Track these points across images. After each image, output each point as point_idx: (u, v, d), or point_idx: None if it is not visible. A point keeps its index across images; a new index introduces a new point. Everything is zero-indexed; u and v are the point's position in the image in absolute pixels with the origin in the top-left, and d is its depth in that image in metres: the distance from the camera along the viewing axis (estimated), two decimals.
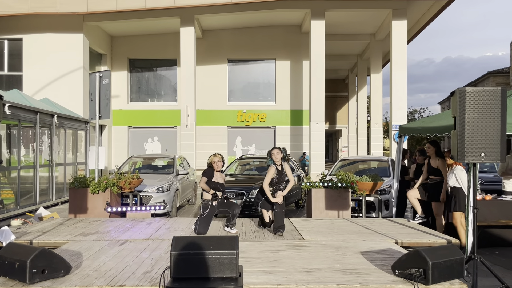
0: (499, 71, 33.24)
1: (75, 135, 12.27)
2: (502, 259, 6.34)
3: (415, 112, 49.66)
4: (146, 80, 24.08)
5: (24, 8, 17.85)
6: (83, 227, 6.68)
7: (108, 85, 8.68)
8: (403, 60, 19.64)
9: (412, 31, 23.69)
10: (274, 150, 6.51)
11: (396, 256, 4.78)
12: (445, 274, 4.01)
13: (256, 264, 4.64)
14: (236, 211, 6.42)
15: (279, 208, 6.41)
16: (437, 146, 7.29)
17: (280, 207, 6.44)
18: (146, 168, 11.38)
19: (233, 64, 23.84)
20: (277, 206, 6.42)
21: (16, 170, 9.12)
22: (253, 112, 23.25)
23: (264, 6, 19.62)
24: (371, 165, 10.98)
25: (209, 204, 6.32)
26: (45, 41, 19.08)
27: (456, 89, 4.75)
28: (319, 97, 19.79)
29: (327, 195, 7.97)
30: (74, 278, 4.11)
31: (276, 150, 6.52)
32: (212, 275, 3.63)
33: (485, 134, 4.64)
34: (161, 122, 23.20)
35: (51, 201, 10.33)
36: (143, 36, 23.14)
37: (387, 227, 6.85)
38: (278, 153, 6.49)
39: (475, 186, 5.12)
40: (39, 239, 5.83)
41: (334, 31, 23.10)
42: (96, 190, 7.73)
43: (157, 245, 5.55)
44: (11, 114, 8.41)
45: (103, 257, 4.89)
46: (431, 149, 7.28)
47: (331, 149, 46.25)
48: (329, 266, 4.58)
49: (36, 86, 18.69)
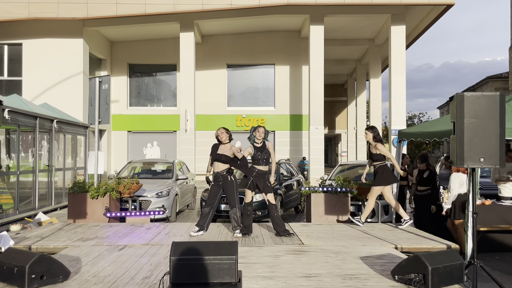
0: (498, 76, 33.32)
1: (74, 140, 12.27)
2: (502, 264, 6.33)
3: (414, 117, 49.68)
4: (145, 85, 24.12)
5: (24, 13, 17.90)
6: (82, 232, 6.66)
7: (107, 90, 8.69)
8: (402, 65, 19.70)
9: (410, 36, 23.77)
10: (260, 129, 6.66)
11: (396, 261, 4.77)
12: (445, 279, 4.00)
13: (255, 269, 4.63)
14: (232, 211, 6.49)
15: (275, 212, 6.51)
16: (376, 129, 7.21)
17: (275, 209, 6.54)
18: (146, 173, 11.36)
19: (233, 69, 23.88)
20: (273, 209, 6.50)
21: (15, 175, 9.10)
22: (253, 117, 23.27)
23: (264, 11, 19.69)
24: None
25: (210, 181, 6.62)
26: (45, 46, 19.11)
27: (455, 94, 4.76)
28: (319, 102, 19.82)
29: (327, 200, 7.96)
30: (73, 283, 4.09)
31: (262, 129, 6.67)
32: (211, 280, 3.62)
33: (484, 139, 4.65)
34: (160, 127, 23.21)
35: (50, 206, 10.31)
36: (143, 41, 23.19)
37: (387, 232, 6.84)
38: (264, 131, 6.65)
39: (475, 191, 5.12)
40: (38, 244, 5.82)
41: (333, 36, 23.17)
42: (95, 195, 7.72)
43: (156, 250, 5.53)
44: (11, 119, 8.41)
45: (102, 263, 4.88)
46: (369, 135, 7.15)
47: (330, 153, 46.23)
48: (328, 272, 4.57)
49: (35, 91, 18.69)
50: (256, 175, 6.54)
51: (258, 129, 6.63)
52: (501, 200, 7.50)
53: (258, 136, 6.59)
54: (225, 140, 6.51)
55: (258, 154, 6.57)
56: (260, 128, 6.64)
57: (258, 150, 6.59)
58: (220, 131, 6.56)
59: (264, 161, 6.57)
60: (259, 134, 6.58)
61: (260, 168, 6.57)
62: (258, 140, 6.61)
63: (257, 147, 6.61)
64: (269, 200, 6.56)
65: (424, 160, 7.86)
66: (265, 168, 6.60)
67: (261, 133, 6.59)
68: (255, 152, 6.59)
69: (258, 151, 6.58)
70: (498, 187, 7.74)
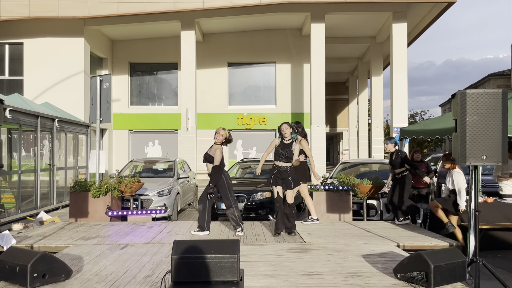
0: (500, 73, 33.26)
1: (75, 139, 12.27)
2: (505, 262, 6.32)
3: (416, 114, 49.65)
4: (146, 83, 24.11)
5: (25, 12, 17.89)
6: (84, 231, 6.67)
7: (108, 89, 8.68)
8: (404, 63, 19.65)
9: (412, 34, 23.70)
10: (283, 125, 6.56)
11: (398, 259, 4.76)
12: (447, 277, 3.99)
13: (257, 268, 4.63)
14: (229, 211, 6.49)
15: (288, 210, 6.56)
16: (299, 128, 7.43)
17: (291, 208, 6.59)
18: (147, 171, 11.37)
19: (234, 67, 23.86)
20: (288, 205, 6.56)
21: (17, 174, 9.11)
22: (254, 116, 23.25)
23: (264, 9, 19.66)
24: (372, 168, 10.96)
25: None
26: (45, 45, 19.11)
27: (457, 91, 4.74)
28: (320, 100, 19.79)
29: (328, 198, 7.96)
30: (74, 282, 4.10)
31: (285, 125, 6.55)
32: (213, 279, 3.61)
33: (486, 136, 4.63)
34: (161, 125, 23.20)
35: (52, 205, 10.32)
36: (144, 40, 23.17)
37: (389, 230, 6.83)
38: (287, 127, 6.52)
39: (477, 189, 5.10)
40: (40, 243, 5.82)
41: (335, 34, 23.11)
42: (97, 194, 7.72)
43: (158, 249, 5.54)
44: (12, 119, 8.41)
45: (104, 261, 4.88)
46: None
47: (332, 152, 46.19)
48: (330, 270, 4.56)
49: (37, 90, 18.70)
50: (277, 171, 6.52)
51: (281, 127, 6.57)
52: (503, 198, 7.48)
53: (284, 134, 6.51)
54: (216, 140, 6.52)
55: (280, 149, 6.51)
56: (282, 125, 6.57)
57: (283, 147, 6.51)
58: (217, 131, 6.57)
59: (285, 158, 6.48)
60: (284, 131, 6.50)
61: (279, 164, 6.52)
62: (286, 137, 6.54)
63: (283, 143, 6.54)
64: (287, 196, 6.58)
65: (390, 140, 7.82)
66: (286, 164, 6.48)
67: (285, 130, 6.49)
68: (279, 146, 6.53)
69: (281, 147, 6.51)
70: (500, 184, 7.72)
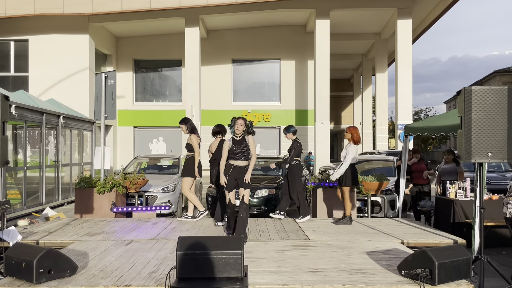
0: (506, 70, 33.04)
1: (80, 136, 12.32)
2: (509, 259, 6.30)
3: (421, 111, 49.42)
4: (151, 80, 24.14)
5: (30, 9, 17.95)
6: (89, 227, 6.70)
7: (113, 86, 8.70)
8: (409, 60, 19.56)
9: (417, 30, 23.58)
10: (239, 121, 5.95)
11: (402, 256, 4.75)
12: (452, 274, 3.98)
13: (261, 264, 4.64)
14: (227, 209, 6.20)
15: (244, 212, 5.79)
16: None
17: (245, 211, 5.81)
18: (152, 168, 11.40)
19: (238, 64, 23.84)
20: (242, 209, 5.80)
21: (22, 171, 9.16)
22: (258, 112, 23.24)
23: (269, 6, 19.61)
24: (376, 165, 10.93)
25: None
26: (50, 42, 19.18)
27: (462, 88, 4.72)
28: (324, 97, 19.74)
29: (332, 195, 7.94)
30: (80, 278, 4.12)
31: (241, 120, 5.96)
32: (217, 275, 3.63)
33: (492, 133, 4.61)
34: (166, 122, 23.24)
35: (57, 201, 10.37)
36: (148, 36, 23.19)
37: (393, 227, 6.82)
38: (242, 124, 5.94)
39: (482, 186, 5.08)
40: (45, 239, 5.86)
41: (339, 30, 23.03)
42: (102, 190, 7.76)
43: (162, 245, 5.56)
44: (18, 115, 8.45)
45: (109, 257, 4.91)
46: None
47: (336, 149, 46.10)
48: (334, 266, 4.56)
49: (42, 87, 18.79)
50: (233, 171, 5.95)
51: (236, 121, 5.96)
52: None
53: (237, 129, 5.93)
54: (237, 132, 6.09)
55: (235, 147, 5.93)
56: (239, 120, 5.95)
57: (236, 144, 5.95)
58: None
59: (242, 156, 5.94)
60: (237, 126, 5.92)
61: (237, 164, 5.95)
62: (238, 133, 5.95)
63: (235, 140, 5.98)
64: (244, 197, 5.86)
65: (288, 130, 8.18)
66: (244, 163, 5.97)
67: (239, 126, 5.92)
68: (232, 145, 5.95)
69: (235, 145, 5.94)
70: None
